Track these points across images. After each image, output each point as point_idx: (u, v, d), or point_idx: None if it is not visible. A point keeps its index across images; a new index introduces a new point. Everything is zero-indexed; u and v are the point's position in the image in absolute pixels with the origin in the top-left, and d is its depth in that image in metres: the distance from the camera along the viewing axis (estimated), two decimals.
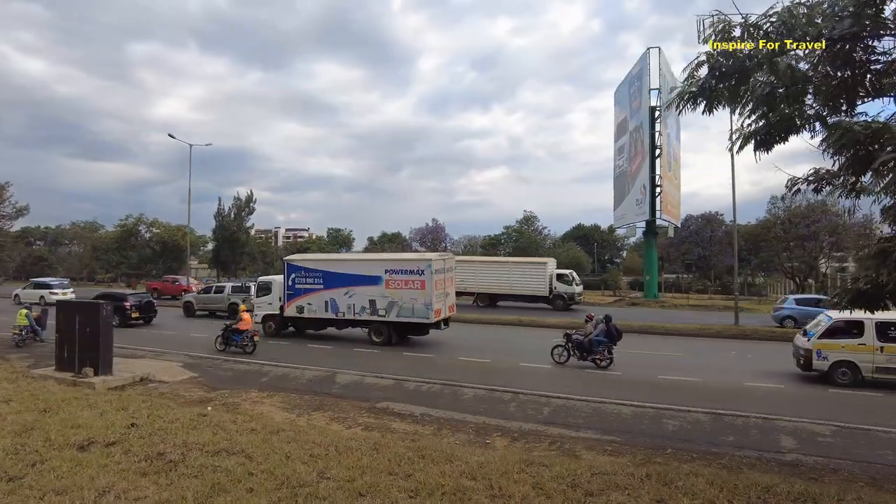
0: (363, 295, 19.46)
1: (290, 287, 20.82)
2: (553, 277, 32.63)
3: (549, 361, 16.07)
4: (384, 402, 11.96)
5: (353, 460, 6.70)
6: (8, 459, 5.57)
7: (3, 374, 9.81)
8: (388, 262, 20.05)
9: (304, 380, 14.17)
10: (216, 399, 12.03)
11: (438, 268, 19.18)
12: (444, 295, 19.64)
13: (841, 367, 13.73)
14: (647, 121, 34.17)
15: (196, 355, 17.03)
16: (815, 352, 13.93)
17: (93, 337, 13.43)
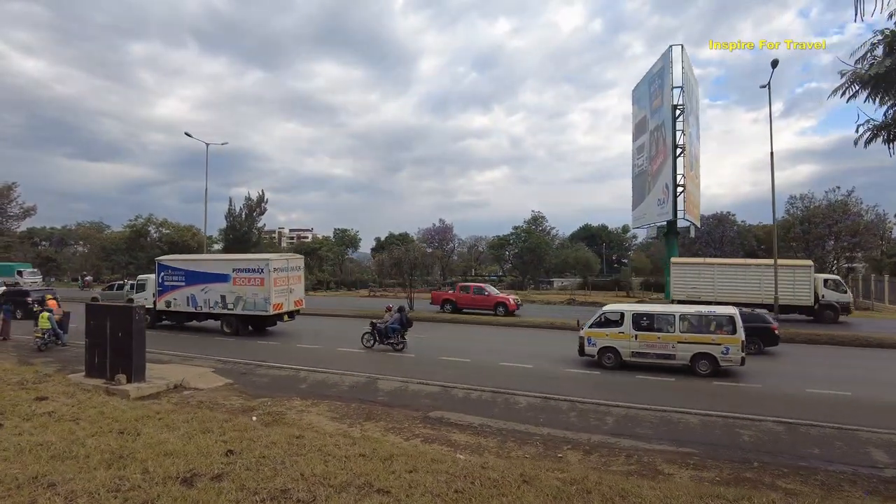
0: (216, 291, 22.07)
1: (160, 284, 23.53)
2: (820, 283, 27.41)
3: (590, 367, 15.54)
4: (437, 412, 11.38)
5: (512, 499, 5.77)
6: (112, 499, 4.86)
7: (58, 387, 9.09)
8: (236, 262, 22.52)
9: (345, 386, 13.60)
10: (259, 408, 11.46)
11: (279, 267, 21.78)
12: (287, 291, 22.14)
13: (607, 352, 15.77)
14: (670, 119, 33.56)
15: (228, 360, 16.48)
16: (587, 339, 16.07)
17: (125, 342, 12.88)
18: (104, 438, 5.67)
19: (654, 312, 16.06)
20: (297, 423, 10.24)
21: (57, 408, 6.61)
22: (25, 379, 8.32)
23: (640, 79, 40.47)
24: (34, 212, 70.20)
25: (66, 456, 5.34)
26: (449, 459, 7.13)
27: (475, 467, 6.58)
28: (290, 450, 6.34)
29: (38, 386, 8.05)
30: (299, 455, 6.15)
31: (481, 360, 16.59)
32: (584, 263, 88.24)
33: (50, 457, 5.26)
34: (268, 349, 18.67)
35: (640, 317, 15.80)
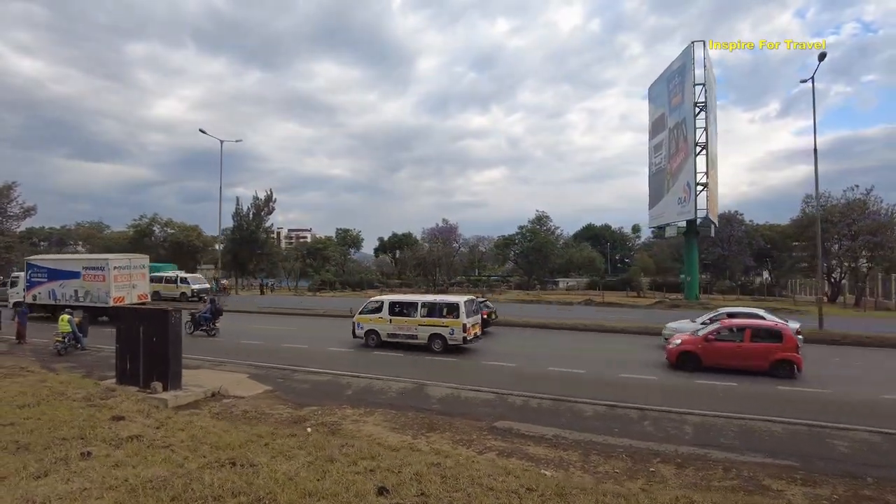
0: (70, 286, 25.48)
1: (28, 280, 26.81)
2: None
3: (646, 372, 14.89)
4: (502, 422, 10.66)
5: None
6: None
7: (130, 403, 8.16)
8: (85, 261, 26.33)
9: (393, 393, 12.87)
10: (310, 418, 10.73)
11: (119, 265, 25.45)
12: (129, 286, 25.65)
13: (371, 334, 18.54)
14: (691, 116, 32.98)
15: (261, 364, 15.72)
16: (357, 324, 18.79)
17: (160, 348, 12.10)
18: (220, 473, 4.76)
19: (404, 300, 19.05)
20: (355, 435, 9.54)
21: (142, 431, 5.81)
22: (91, 394, 7.55)
23: (650, 76, 39.91)
24: (34, 212, 68.92)
25: (193, 498, 4.51)
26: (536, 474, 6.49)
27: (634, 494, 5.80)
28: (445, 484, 5.45)
29: (106, 402, 7.27)
30: (458, 490, 5.31)
31: (529, 366, 15.92)
32: (590, 263, 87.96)
33: (171, 499, 4.42)
34: (299, 353, 17.97)
35: (394, 304, 18.71)
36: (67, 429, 5.66)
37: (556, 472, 8.01)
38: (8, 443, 5.01)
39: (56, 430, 5.56)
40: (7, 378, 8.08)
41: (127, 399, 8.03)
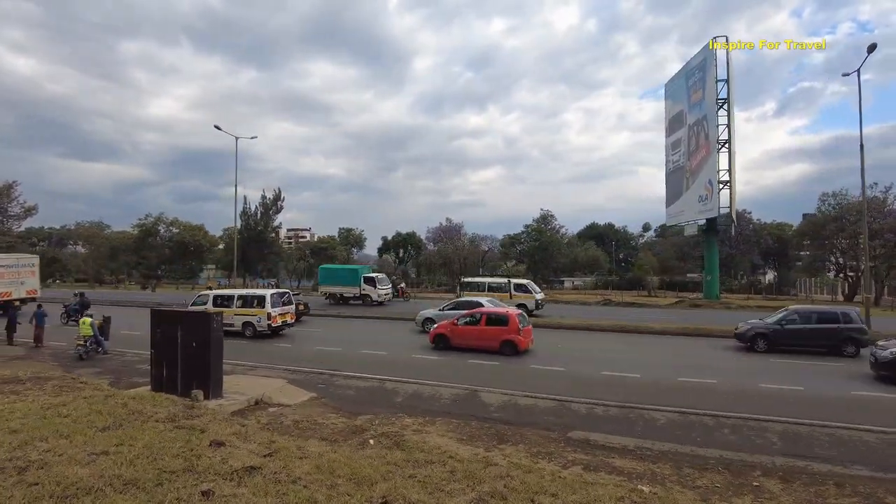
0: None
1: None
2: None
3: (706, 376, 14.28)
4: (577, 432, 10.01)
5: None
6: None
7: (221, 425, 7.22)
8: None
9: (446, 399, 12.19)
10: (368, 428, 10.01)
11: (6, 264, 27.83)
12: (17, 283, 28.00)
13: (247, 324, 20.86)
14: (713, 113, 32.39)
15: (298, 369, 15.02)
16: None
17: (201, 353, 11.41)
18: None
19: (225, 294, 22.30)
20: (423, 447, 8.85)
21: (253, 459, 5.05)
22: (174, 413, 6.82)
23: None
24: (35, 211, 67.88)
25: None
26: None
27: None
28: None
29: (193, 422, 6.53)
30: None
31: (580, 370, 15.26)
32: (594, 262, 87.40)
33: None
34: (334, 356, 17.24)
35: (217, 297, 21.79)
36: (169, 458, 4.94)
37: (654, 488, 7.37)
38: (111, 478, 4.31)
39: (157, 461, 4.85)
40: (65, 392, 7.32)
41: (214, 420, 7.25)
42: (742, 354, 18.19)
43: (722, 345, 19.99)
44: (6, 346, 18.98)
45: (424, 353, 17.67)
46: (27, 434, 5.61)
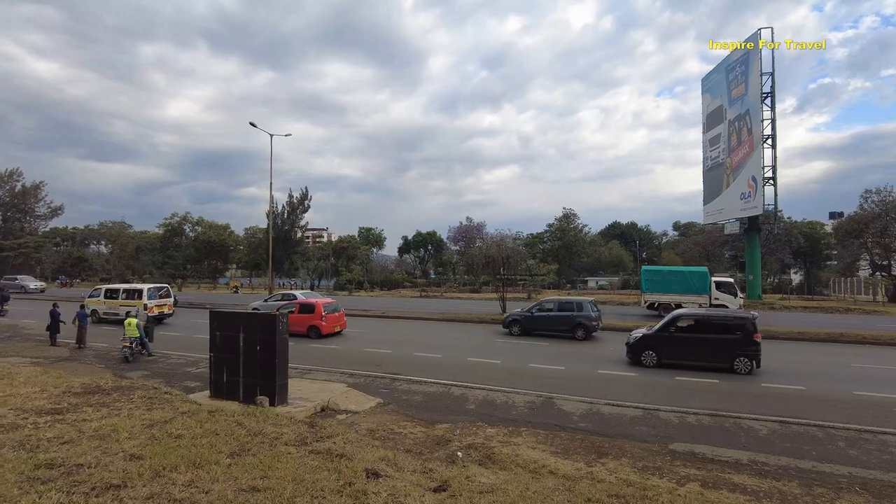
0: None
1: None
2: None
3: (789, 381, 13.41)
4: (678, 444, 9.25)
5: None
6: None
7: (368, 449, 6.55)
8: None
9: (522, 407, 11.47)
10: (452, 439, 9.35)
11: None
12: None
13: (94, 313, 24.78)
14: (757, 107, 31.33)
15: (356, 372, 14.40)
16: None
17: (266, 357, 10.82)
18: None
19: (113, 288, 26.14)
20: (517, 462, 8.17)
21: (428, 497, 4.40)
22: (303, 435, 6.01)
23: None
24: (61, 211, 68.74)
25: None
26: None
27: None
28: None
29: (326, 444, 5.82)
30: None
31: (651, 375, 14.48)
32: (619, 262, 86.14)
33: None
34: (384, 358, 16.59)
35: (107, 291, 25.94)
36: (332, 496, 4.27)
37: None
38: None
39: (319, 499, 4.19)
40: (157, 405, 6.63)
41: (348, 441, 6.57)
42: (507, 338, 21.25)
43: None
44: (49, 347, 18.63)
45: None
46: (153, 462, 4.92)
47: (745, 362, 14.33)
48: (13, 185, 65.38)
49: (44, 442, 4.96)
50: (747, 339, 14.39)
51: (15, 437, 5.04)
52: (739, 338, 14.50)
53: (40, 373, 8.86)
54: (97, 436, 5.16)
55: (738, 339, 14.49)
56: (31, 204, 66.20)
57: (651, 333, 15.61)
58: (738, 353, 14.41)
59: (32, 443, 4.90)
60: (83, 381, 7.84)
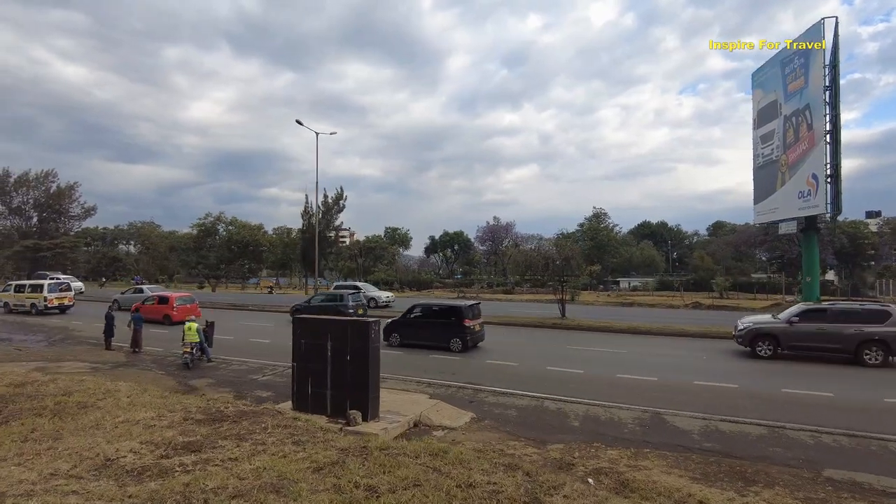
0: None
1: None
2: None
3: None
4: (833, 471, 8.26)
5: None
6: None
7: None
8: None
9: (632, 424, 10.53)
10: (573, 462, 8.47)
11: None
12: None
13: (6, 305, 30.46)
14: (819, 101, 29.86)
15: (434, 382, 13.60)
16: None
17: (358, 368, 10.06)
18: None
19: (21, 283, 30.31)
20: (660, 491, 7.24)
21: None
22: (533, 487, 5.25)
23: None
24: (94, 212, 69.23)
25: None
26: None
27: None
28: None
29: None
30: None
31: (755, 386, 13.44)
32: (650, 263, 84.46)
33: None
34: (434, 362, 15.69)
35: (16, 286, 30.30)
36: None
37: None
38: None
39: None
40: (307, 441, 5.50)
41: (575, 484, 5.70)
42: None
43: None
44: (105, 351, 18.17)
45: None
46: None
47: (456, 343, 17.43)
48: (48, 186, 66.12)
49: (211, 496, 4.13)
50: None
51: (173, 487, 4.12)
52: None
53: (138, 390, 8.15)
54: (269, 486, 4.22)
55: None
56: (65, 205, 66.81)
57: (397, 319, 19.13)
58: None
59: (197, 495, 4.07)
60: (198, 405, 7.08)
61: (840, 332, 15.53)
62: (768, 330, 16.65)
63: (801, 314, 16.57)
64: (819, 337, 15.78)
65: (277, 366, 15.59)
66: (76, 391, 7.40)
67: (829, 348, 15.81)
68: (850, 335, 15.40)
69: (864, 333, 15.26)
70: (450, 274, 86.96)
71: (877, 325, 15.25)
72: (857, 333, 15.33)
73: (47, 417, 5.97)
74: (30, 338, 22.08)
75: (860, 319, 15.57)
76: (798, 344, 16.14)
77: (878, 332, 15.11)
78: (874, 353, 15.10)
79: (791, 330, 16.23)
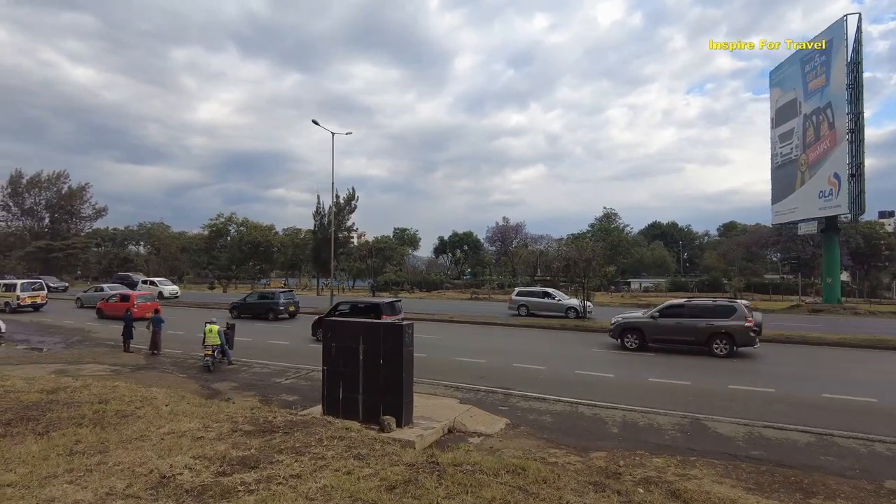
0: None
1: None
2: None
3: None
4: (892, 482, 7.91)
5: None
6: None
7: None
8: None
9: (671, 431, 10.19)
10: (620, 471, 8.12)
11: None
12: None
13: None
14: (842, 99, 29.40)
15: (463, 386, 13.31)
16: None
17: (391, 372, 9.78)
18: None
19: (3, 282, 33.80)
20: (716, 503, 6.92)
21: None
22: None
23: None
24: (105, 212, 69.46)
25: None
26: None
27: None
28: None
29: None
30: None
31: (795, 391, 13.06)
32: (662, 264, 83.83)
33: None
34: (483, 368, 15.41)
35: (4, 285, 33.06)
36: None
37: None
38: None
39: None
40: (370, 456, 4.99)
41: None
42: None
43: None
44: (123, 353, 17.99)
45: None
46: None
47: None
48: (60, 187, 66.37)
49: None
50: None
51: None
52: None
53: (175, 397, 7.85)
54: None
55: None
56: (76, 205, 67.03)
57: None
58: None
59: None
60: (244, 414, 6.73)
61: (694, 326, 17.00)
62: (634, 324, 18.11)
63: (662, 310, 18.00)
64: (677, 330, 17.23)
65: (300, 368, 15.35)
66: (112, 398, 7.12)
67: (686, 341, 17.21)
68: (702, 328, 16.85)
69: (713, 327, 16.68)
70: (459, 275, 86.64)
71: (724, 319, 16.66)
72: (708, 327, 16.76)
73: (88, 427, 5.70)
74: (47, 339, 21.98)
75: (711, 314, 17.02)
76: (660, 337, 17.59)
77: (725, 326, 16.53)
78: (722, 344, 16.55)
79: (653, 324, 17.71)
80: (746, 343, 16.42)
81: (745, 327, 16.25)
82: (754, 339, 16.39)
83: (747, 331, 16.23)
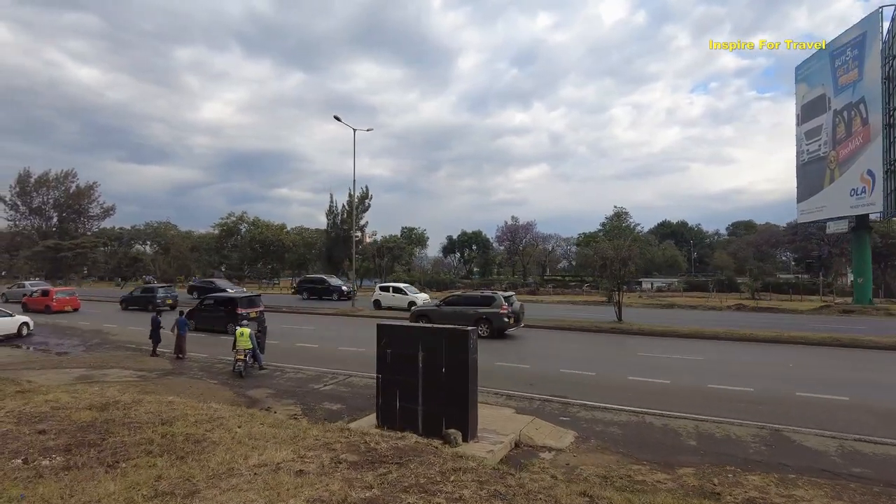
0: None
1: None
2: None
3: None
4: None
5: None
6: None
7: None
8: None
9: (753, 443, 9.45)
10: (718, 491, 7.44)
11: None
12: None
13: None
14: (876, 94, 28.58)
15: (514, 394, 12.60)
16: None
17: (455, 382, 9.07)
18: None
19: None
20: None
21: None
22: None
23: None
24: (113, 212, 68.93)
25: None
26: None
27: None
28: None
29: None
30: None
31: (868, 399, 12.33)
32: (672, 264, 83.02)
33: None
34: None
35: None
36: None
37: None
38: None
39: None
40: (515, 495, 4.31)
41: None
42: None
43: None
44: (147, 357, 17.32)
45: None
46: None
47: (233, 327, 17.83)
48: (68, 186, 65.80)
49: None
50: None
51: None
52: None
53: (245, 416, 7.01)
54: None
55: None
56: (84, 205, 66.45)
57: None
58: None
59: None
60: (337, 438, 5.89)
61: (465, 312, 20.57)
62: (424, 311, 22.26)
63: (445, 300, 22.81)
64: (455, 316, 20.25)
65: (337, 374, 14.67)
66: (174, 418, 6.34)
67: (461, 324, 19.67)
68: (470, 314, 20.36)
69: (478, 313, 20.39)
70: (467, 274, 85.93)
71: (486, 307, 20.54)
72: (475, 314, 20.37)
73: (162, 457, 4.88)
74: (65, 342, 21.36)
75: (478, 303, 21.10)
76: (443, 321, 19.83)
77: (485, 312, 20.36)
78: (484, 327, 19.92)
79: (439, 311, 21.38)
80: (502, 327, 20.13)
81: (499, 314, 20.08)
82: (508, 324, 20.21)
83: (502, 317, 20.06)
